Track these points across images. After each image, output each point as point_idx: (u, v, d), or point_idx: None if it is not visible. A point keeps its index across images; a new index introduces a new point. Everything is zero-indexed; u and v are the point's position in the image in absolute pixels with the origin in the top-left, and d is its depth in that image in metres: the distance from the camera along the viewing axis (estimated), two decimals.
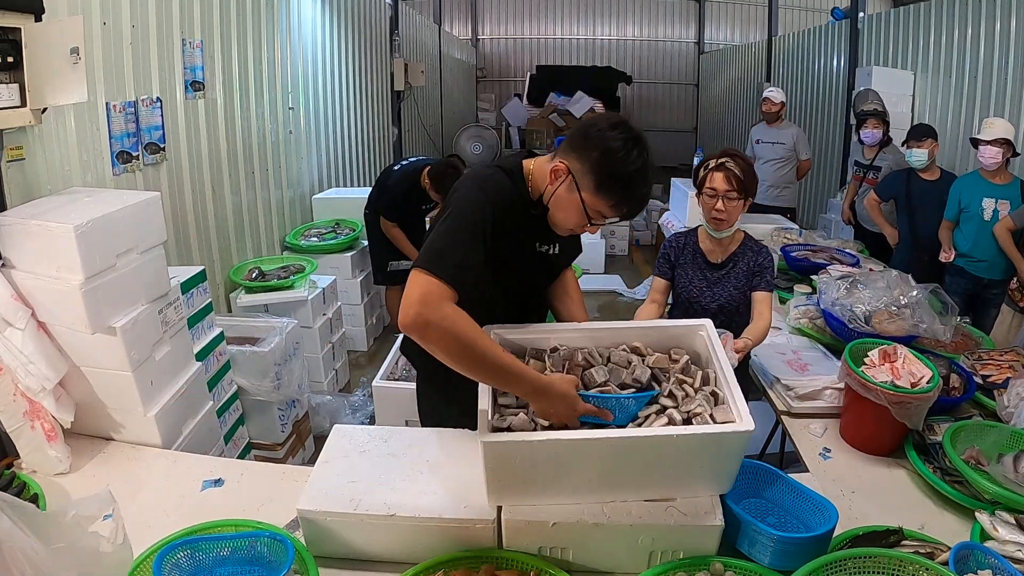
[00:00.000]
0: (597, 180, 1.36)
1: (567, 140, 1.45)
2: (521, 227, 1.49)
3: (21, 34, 1.89)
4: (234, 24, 3.66)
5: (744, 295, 2.32)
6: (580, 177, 1.38)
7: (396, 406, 2.77)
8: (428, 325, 1.26)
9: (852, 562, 1.34)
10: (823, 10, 10.91)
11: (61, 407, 1.85)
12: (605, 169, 1.35)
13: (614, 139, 1.35)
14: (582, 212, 1.41)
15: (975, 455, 1.77)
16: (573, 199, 1.40)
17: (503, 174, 1.47)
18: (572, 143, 1.42)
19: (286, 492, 1.69)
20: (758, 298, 2.27)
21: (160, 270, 2.14)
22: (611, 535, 1.38)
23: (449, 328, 1.26)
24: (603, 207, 1.39)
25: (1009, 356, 2.40)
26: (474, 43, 13.85)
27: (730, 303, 2.31)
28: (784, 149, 5.40)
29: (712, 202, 2.23)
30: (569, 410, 1.33)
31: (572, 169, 1.40)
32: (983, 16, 4.76)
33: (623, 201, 1.38)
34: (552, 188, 1.43)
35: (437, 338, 1.27)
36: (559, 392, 1.32)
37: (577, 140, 1.40)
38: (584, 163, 1.37)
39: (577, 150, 1.39)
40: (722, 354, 1.51)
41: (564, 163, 1.41)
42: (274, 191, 4.24)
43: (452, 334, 1.27)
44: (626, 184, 1.37)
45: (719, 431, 1.33)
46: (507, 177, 1.47)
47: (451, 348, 1.28)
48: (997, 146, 3.36)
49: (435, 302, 1.27)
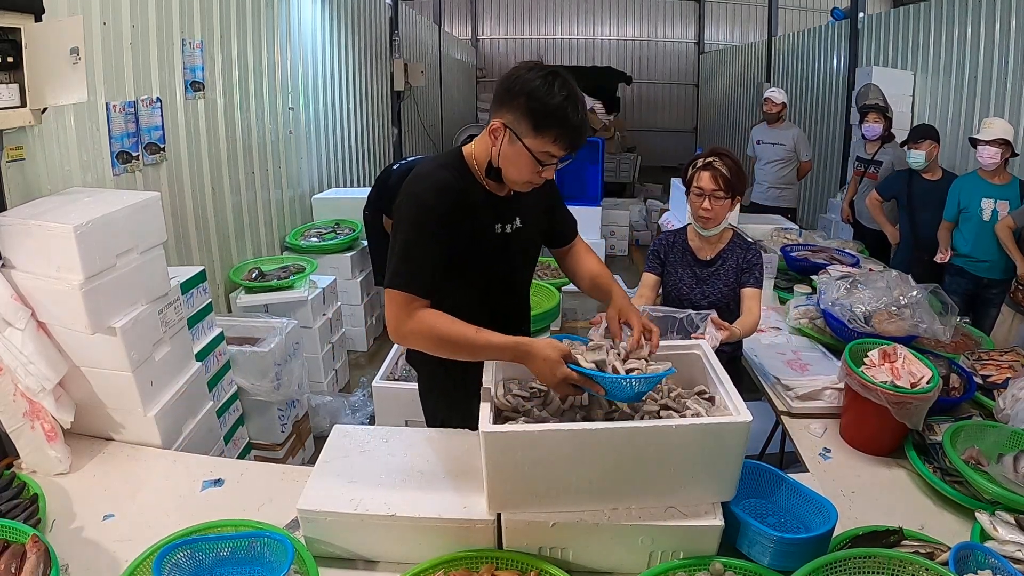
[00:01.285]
0: (533, 121, 1.39)
1: (494, 99, 1.47)
2: (473, 215, 1.52)
3: (21, 34, 1.89)
4: (234, 24, 3.66)
5: (734, 292, 2.34)
6: (517, 126, 1.41)
7: (396, 406, 2.77)
8: (406, 336, 1.44)
9: (852, 562, 1.34)
10: (823, 10, 10.92)
11: (61, 407, 1.85)
12: (536, 108, 1.38)
13: (533, 79, 1.39)
14: (530, 159, 1.43)
15: (975, 455, 1.77)
16: (518, 149, 1.43)
17: (440, 171, 1.51)
18: (499, 99, 1.45)
19: (286, 492, 1.69)
20: (747, 294, 2.30)
21: (160, 270, 2.14)
22: (611, 535, 1.38)
23: (424, 332, 1.43)
24: (547, 145, 1.41)
25: (1009, 356, 2.41)
26: (474, 43, 13.85)
27: (720, 300, 2.34)
28: (785, 150, 5.40)
29: (699, 201, 2.25)
30: (551, 373, 1.37)
31: (507, 122, 1.43)
32: (983, 16, 4.76)
33: (563, 133, 1.40)
34: (496, 148, 1.47)
35: (419, 343, 1.45)
36: (541, 355, 1.38)
37: (501, 94, 1.44)
38: (515, 111, 1.40)
39: (505, 103, 1.42)
40: (718, 365, 1.52)
41: (498, 120, 1.44)
42: (274, 191, 4.24)
43: (429, 336, 1.43)
44: (560, 115, 1.38)
45: (717, 422, 1.34)
46: (445, 172, 1.50)
47: (433, 346, 1.45)
48: (996, 146, 3.36)
49: (404, 314, 1.42)
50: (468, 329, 1.42)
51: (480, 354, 1.45)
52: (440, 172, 1.50)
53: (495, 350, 1.43)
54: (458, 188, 1.50)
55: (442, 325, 1.42)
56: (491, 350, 1.43)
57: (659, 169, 11.64)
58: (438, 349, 1.45)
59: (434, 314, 1.43)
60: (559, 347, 1.39)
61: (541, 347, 1.39)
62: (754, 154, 5.64)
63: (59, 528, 1.60)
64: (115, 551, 1.51)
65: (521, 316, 1.83)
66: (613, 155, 9.17)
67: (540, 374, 1.40)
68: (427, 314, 1.43)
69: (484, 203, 1.55)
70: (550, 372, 1.37)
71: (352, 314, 4.43)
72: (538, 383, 1.53)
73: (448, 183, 1.49)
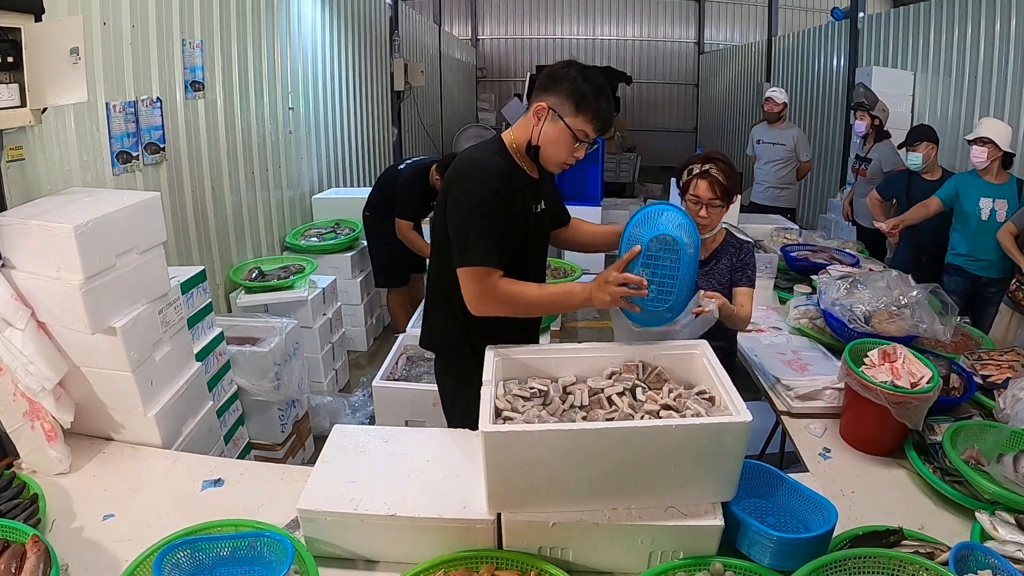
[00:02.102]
0: (575, 102, 1.62)
1: (536, 88, 1.69)
2: (522, 196, 1.71)
3: (21, 34, 1.89)
4: (234, 24, 3.66)
5: (727, 291, 2.32)
6: (560, 107, 1.63)
7: (396, 406, 2.77)
8: (489, 307, 1.66)
9: (852, 562, 1.34)
10: (823, 10, 10.91)
11: (61, 407, 1.85)
12: (578, 92, 1.62)
13: (573, 71, 1.64)
14: (570, 136, 1.65)
15: (975, 455, 1.77)
16: (559, 128, 1.64)
17: (495, 157, 1.69)
18: (543, 87, 1.67)
19: (286, 492, 1.69)
20: (740, 292, 2.29)
21: (160, 270, 2.14)
22: (611, 535, 1.38)
23: (507, 298, 1.65)
24: (585, 124, 1.64)
25: (1009, 356, 2.41)
26: (474, 43, 13.85)
27: None
28: (785, 150, 5.40)
29: (696, 209, 2.20)
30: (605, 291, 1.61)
31: (551, 104, 1.64)
32: (983, 16, 4.76)
33: (597, 114, 1.63)
34: (538, 127, 1.67)
35: (502, 308, 1.67)
36: (597, 285, 1.63)
37: (545, 83, 1.66)
38: (559, 95, 1.63)
39: (549, 89, 1.65)
40: (718, 365, 1.53)
41: (542, 103, 1.65)
42: (274, 191, 4.24)
43: (511, 300, 1.65)
44: (596, 98, 1.62)
45: (717, 421, 1.35)
46: (498, 158, 1.69)
47: (513, 308, 1.68)
48: (980, 144, 3.37)
49: (485, 287, 1.63)
50: (533, 288, 1.67)
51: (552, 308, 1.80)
52: (495, 158, 1.68)
53: (564, 301, 1.73)
54: (509, 172, 1.68)
55: (518, 291, 1.65)
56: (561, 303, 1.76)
57: (659, 169, 11.64)
58: (517, 311, 1.69)
59: (508, 282, 1.64)
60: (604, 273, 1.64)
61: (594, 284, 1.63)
62: (754, 154, 5.64)
63: (59, 528, 1.60)
64: (115, 551, 1.51)
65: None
66: (613, 155, 9.17)
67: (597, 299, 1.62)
68: (504, 283, 1.64)
69: (526, 185, 1.74)
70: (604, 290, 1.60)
71: (352, 314, 4.42)
72: (538, 383, 1.56)
73: (503, 167, 1.67)
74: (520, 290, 1.65)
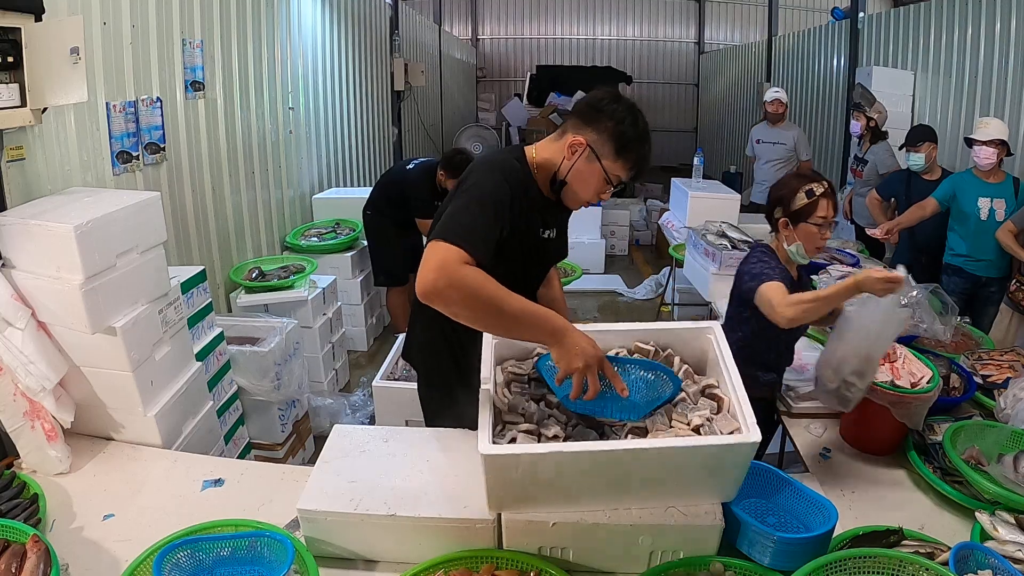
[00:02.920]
0: (617, 146, 1.48)
1: (576, 117, 1.53)
2: (528, 211, 1.56)
3: (21, 34, 1.89)
4: (234, 24, 3.66)
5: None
6: (599, 147, 1.49)
7: (396, 406, 2.77)
8: (448, 286, 1.28)
9: (852, 562, 1.34)
10: (823, 10, 10.90)
11: (61, 407, 1.85)
12: (622, 135, 1.48)
13: (620, 110, 1.49)
14: (603, 179, 1.52)
15: (975, 455, 1.77)
16: (594, 168, 1.51)
17: (516, 163, 1.56)
18: (584, 119, 1.51)
19: (286, 492, 1.69)
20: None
21: (160, 270, 2.14)
22: (611, 535, 1.38)
23: (468, 284, 1.28)
24: (621, 170, 1.51)
25: (1009, 356, 2.41)
26: (474, 43, 13.84)
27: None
28: (785, 150, 5.41)
29: (822, 232, 2.02)
30: (591, 348, 1.32)
31: (590, 141, 1.49)
32: (983, 16, 4.76)
33: (638, 161, 1.51)
34: (570, 162, 1.52)
35: (457, 297, 1.29)
36: (579, 332, 1.34)
37: (588, 115, 1.51)
38: (601, 133, 1.48)
39: (591, 124, 1.50)
40: (728, 354, 1.50)
41: (581, 137, 1.50)
42: (274, 191, 4.24)
43: (470, 289, 1.28)
44: (639, 145, 1.50)
45: (726, 443, 1.31)
46: (519, 165, 1.56)
47: (470, 303, 1.30)
48: (993, 147, 3.37)
49: (452, 265, 1.29)
50: (513, 295, 1.33)
51: (521, 321, 1.34)
52: (516, 164, 1.56)
53: (537, 319, 1.34)
54: (523, 185, 1.54)
55: (489, 285, 1.30)
56: (534, 319, 1.34)
57: (659, 169, 11.63)
58: (474, 308, 1.31)
59: (482, 273, 1.32)
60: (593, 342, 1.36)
61: (578, 333, 1.35)
62: (753, 154, 5.64)
63: (59, 528, 1.60)
64: (115, 551, 1.51)
65: None
66: None
67: (575, 345, 1.32)
68: (476, 271, 1.31)
69: (539, 205, 1.60)
70: (581, 351, 1.31)
71: (352, 314, 4.42)
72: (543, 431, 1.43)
73: (520, 177, 1.54)
74: (492, 285, 1.30)
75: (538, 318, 1.34)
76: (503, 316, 1.32)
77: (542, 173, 1.59)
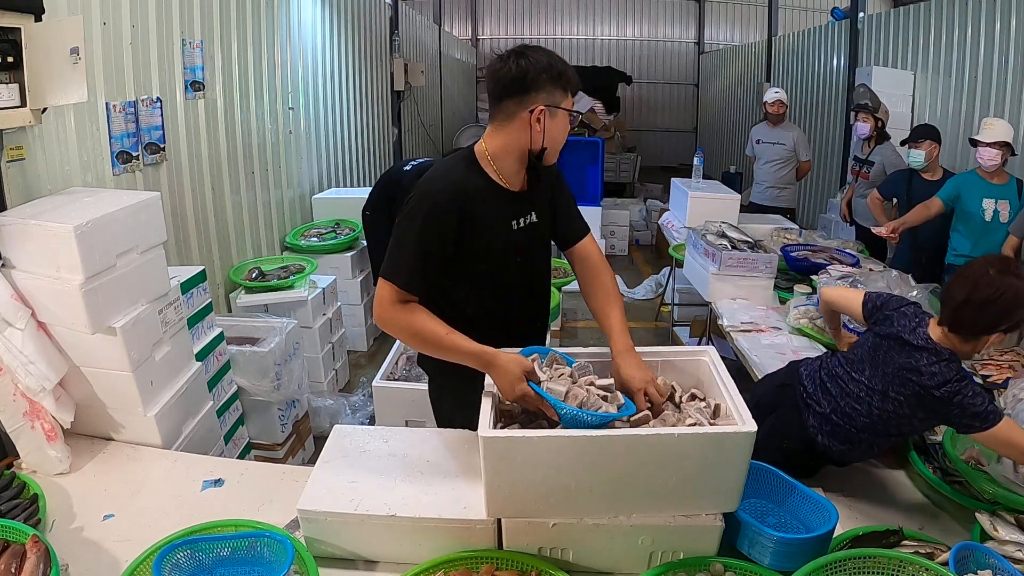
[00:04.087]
0: (561, 87, 1.53)
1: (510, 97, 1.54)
2: (489, 214, 1.58)
3: (21, 34, 1.89)
4: (234, 24, 3.65)
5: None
6: (551, 99, 1.53)
7: (396, 406, 2.77)
8: (385, 325, 1.53)
9: (852, 562, 1.34)
10: (823, 10, 10.90)
11: (61, 407, 1.85)
12: (557, 77, 1.52)
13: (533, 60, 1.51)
14: (567, 118, 1.58)
15: (975, 455, 1.77)
16: (559, 118, 1.55)
17: (454, 172, 1.57)
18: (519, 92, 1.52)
19: (286, 492, 1.69)
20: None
21: (160, 270, 2.14)
22: (611, 535, 1.38)
23: (400, 325, 1.52)
24: (570, 100, 1.57)
25: (1009, 356, 2.41)
26: (474, 43, 13.84)
27: None
28: (785, 150, 5.40)
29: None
30: (510, 387, 1.43)
31: (544, 102, 1.52)
32: (983, 16, 4.76)
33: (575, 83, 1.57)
34: (541, 131, 1.54)
35: (398, 334, 1.55)
36: (503, 367, 1.44)
37: (519, 86, 1.52)
38: (543, 89, 1.52)
39: (529, 90, 1.52)
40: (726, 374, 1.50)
41: (534, 106, 1.52)
42: (274, 191, 4.24)
43: (403, 329, 1.52)
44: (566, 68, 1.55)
45: (721, 431, 1.33)
46: (459, 174, 1.57)
47: (410, 340, 1.56)
48: (997, 148, 3.37)
49: (387, 306, 1.51)
50: (440, 328, 1.50)
51: (448, 355, 1.52)
52: (454, 174, 1.57)
53: (461, 354, 1.49)
54: (472, 188, 1.55)
55: (420, 322, 1.51)
56: (457, 353, 1.50)
57: (659, 169, 11.64)
58: (414, 343, 1.57)
59: (418, 311, 1.52)
60: (523, 363, 1.44)
61: (505, 360, 1.44)
62: (753, 154, 5.64)
63: (59, 528, 1.60)
64: (115, 551, 1.51)
65: (543, 306, 1.84)
66: (613, 155, 9.16)
67: (500, 386, 1.46)
68: (411, 309, 1.51)
69: (501, 201, 1.60)
70: (509, 385, 1.43)
71: (352, 314, 4.42)
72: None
73: (461, 185, 1.54)
74: (421, 324, 1.49)
75: (463, 351, 1.49)
76: (436, 348, 1.52)
77: (502, 162, 1.59)
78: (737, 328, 2.93)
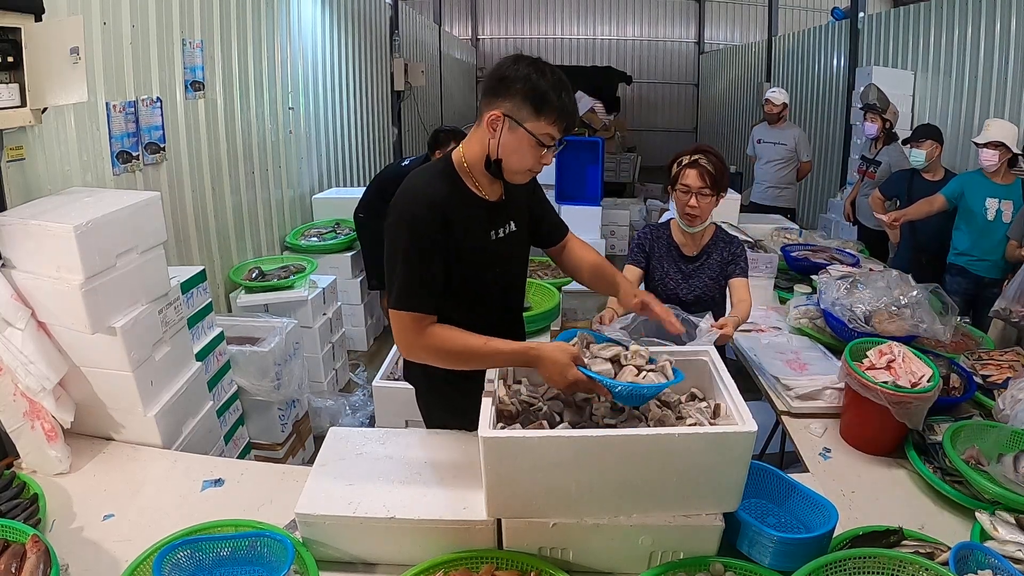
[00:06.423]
0: (533, 105, 1.42)
1: (485, 93, 1.48)
2: (468, 224, 1.53)
3: (21, 34, 1.89)
4: (234, 24, 3.65)
5: (719, 285, 2.39)
6: (517, 112, 1.43)
7: (396, 406, 2.76)
8: (419, 354, 1.50)
9: (852, 562, 1.34)
10: (823, 10, 10.90)
11: (61, 407, 1.85)
12: (534, 93, 1.41)
13: (523, 69, 1.43)
14: (533, 143, 1.45)
15: (975, 455, 1.77)
16: (520, 135, 1.45)
17: (429, 186, 1.51)
18: (492, 91, 1.46)
19: (286, 492, 1.69)
20: (735, 284, 2.33)
21: (160, 270, 2.14)
22: (611, 535, 1.38)
23: (431, 351, 1.48)
24: (548, 127, 1.44)
25: (1009, 356, 2.41)
26: (474, 43, 13.85)
27: (706, 294, 2.38)
28: (786, 150, 5.40)
29: (686, 198, 2.25)
30: (561, 376, 1.41)
31: (505, 111, 1.44)
32: (983, 16, 4.76)
33: (561, 113, 1.44)
34: (495, 139, 1.47)
35: (432, 359, 1.50)
36: (550, 358, 1.41)
37: (495, 87, 1.45)
38: (513, 99, 1.43)
39: (500, 94, 1.44)
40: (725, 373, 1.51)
41: (496, 111, 1.45)
42: (274, 191, 4.24)
43: (436, 353, 1.48)
44: (556, 96, 1.42)
45: (721, 431, 1.33)
46: (434, 186, 1.51)
47: (445, 361, 1.50)
48: (992, 148, 3.37)
49: (414, 334, 1.47)
50: (476, 340, 1.46)
51: (490, 363, 1.49)
52: (429, 187, 1.51)
53: (504, 357, 1.48)
54: (449, 200, 1.50)
55: (452, 339, 1.46)
56: (501, 357, 1.48)
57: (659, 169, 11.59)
58: (450, 362, 1.50)
59: (443, 329, 1.48)
60: (569, 350, 1.42)
61: (550, 351, 1.42)
62: (754, 153, 5.64)
63: (59, 528, 1.60)
64: (115, 551, 1.51)
65: (519, 316, 1.87)
66: (613, 155, 9.16)
67: (549, 377, 1.43)
68: (436, 330, 1.47)
69: (479, 211, 1.57)
70: (560, 375, 1.40)
71: (352, 314, 4.42)
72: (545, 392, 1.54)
73: (437, 197, 1.49)
74: (457, 341, 1.46)
75: (507, 354, 1.47)
76: (476, 359, 1.48)
77: (477, 168, 1.54)
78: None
